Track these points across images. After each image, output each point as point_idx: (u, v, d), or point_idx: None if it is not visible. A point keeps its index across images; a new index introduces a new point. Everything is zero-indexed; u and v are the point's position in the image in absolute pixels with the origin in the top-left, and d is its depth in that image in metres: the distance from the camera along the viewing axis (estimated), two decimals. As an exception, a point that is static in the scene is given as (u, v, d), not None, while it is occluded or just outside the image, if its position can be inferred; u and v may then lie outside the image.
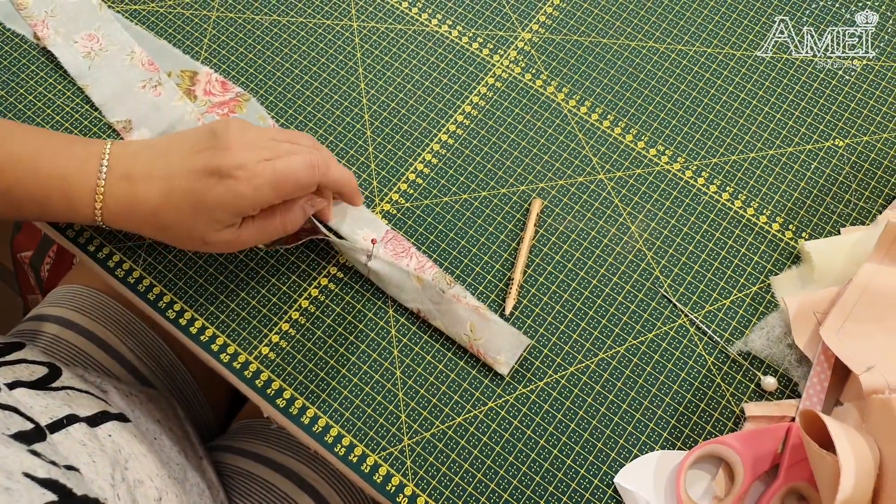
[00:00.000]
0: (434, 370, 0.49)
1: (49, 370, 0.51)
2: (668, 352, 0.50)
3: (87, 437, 0.45)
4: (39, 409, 0.44)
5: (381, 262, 0.50)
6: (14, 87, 0.57)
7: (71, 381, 0.51)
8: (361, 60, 0.59)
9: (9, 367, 0.49)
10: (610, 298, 0.51)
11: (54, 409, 0.45)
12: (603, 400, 0.48)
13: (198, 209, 0.45)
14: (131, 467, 0.47)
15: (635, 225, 0.53)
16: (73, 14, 0.59)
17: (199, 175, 0.44)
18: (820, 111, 0.57)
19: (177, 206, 0.45)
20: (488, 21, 0.60)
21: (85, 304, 0.68)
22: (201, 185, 0.44)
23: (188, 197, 0.45)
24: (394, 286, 0.50)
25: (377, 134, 0.56)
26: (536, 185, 0.54)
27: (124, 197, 0.46)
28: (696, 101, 0.57)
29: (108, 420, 0.49)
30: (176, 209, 0.45)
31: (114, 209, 0.46)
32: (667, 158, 0.55)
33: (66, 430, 0.44)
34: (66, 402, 0.47)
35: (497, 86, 0.58)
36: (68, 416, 0.45)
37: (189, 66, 0.58)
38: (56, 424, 0.43)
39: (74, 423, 0.45)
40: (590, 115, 0.57)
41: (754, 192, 0.54)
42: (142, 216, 0.46)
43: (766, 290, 0.51)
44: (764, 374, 0.49)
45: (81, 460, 0.42)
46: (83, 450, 0.43)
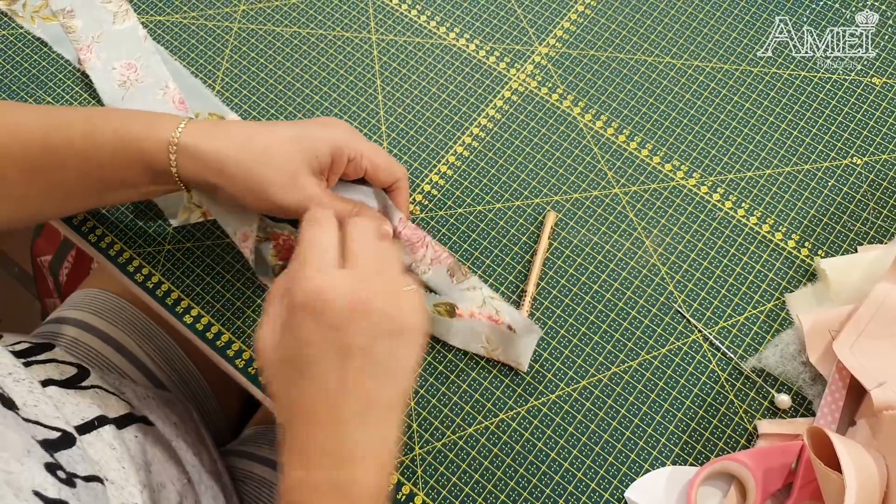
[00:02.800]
0: (446, 380, 0.49)
1: (78, 370, 0.52)
2: (681, 367, 0.50)
3: (116, 440, 0.45)
4: (71, 409, 0.45)
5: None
6: (55, 101, 0.59)
7: (98, 381, 0.52)
8: (379, 72, 0.60)
9: (41, 365, 0.50)
10: (623, 312, 0.51)
11: (85, 410, 0.46)
12: (615, 414, 0.48)
13: (302, 138, 0.44)
14: (154, 471, 0.47)
15: (650, 240, 0.53)
16: (117, 42, 0.60)
17: (303, 126, 0.46)
18: (838, 128, 0.56)
19: (277, 133, 0.44)
20: (505, 35, 0.61)
21: (103, 307, 0.69)
22: (305, 128, 0.45)
23: (291, 128, 0.45)
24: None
25: (394, 145, 0.57)
26: (551, 198, 0.55)
27: (209, 125, 0.44)
28: (713, 116, 0.57)
29: (134, 422, 0.50)
30: (276, 136, 0.44)
31: (197, 134, 0.43)
32: (682, 174, 0.55)
33: (98, 432, 0.44)
34: (96, 402, 0.48)
35: (513, 99, 0.58)
36: (98, 417, 0.46)
37: (218, 109, 0.58)
38: (87, 426, 0.44)
39: (105, 426, 0.46)
40: (605, 130, 0.57)
41: (770, 208, 0.54)
42: (236, 140, 0.44)
43: (780, 307, 0.51)
44: (778, 392, 0.49)
45: (112, 466, 0.43)
46: (113, 454, 0.44)
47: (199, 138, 0.43)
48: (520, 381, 0.49)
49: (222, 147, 0.44)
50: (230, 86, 0.59)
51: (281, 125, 0.46)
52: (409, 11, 0.62)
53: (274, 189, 0.44)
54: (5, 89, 0.59)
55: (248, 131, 0.45)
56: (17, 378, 0.44)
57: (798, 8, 0.61)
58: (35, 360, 0.51)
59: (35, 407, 0.42)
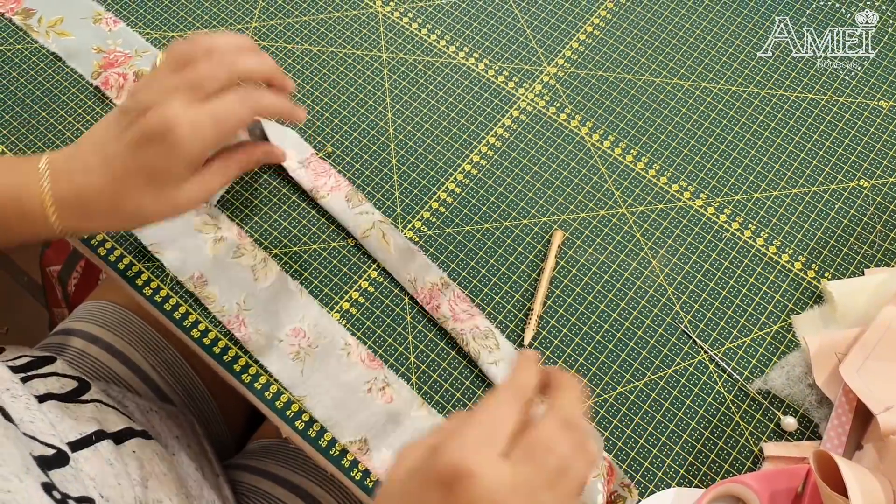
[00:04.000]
0: (451, 398, 0.49)
1: (79, 384, 0.52)
2: (687, 388, 0.49)
3: (114, 455, 0.45)
4: (69, 424, 0.45)
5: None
6: (71, 121, 0.60)
7: (98, 395, 0.52)
8: (389, 90, 0.60)
9: (41, 379, 0.50)
10: (629, 332, 0.51)
11: (83, 424, 0.46)
12: (620, 434, 0.48)
13: (152, 177, 0.43)
14: (151, 486, 0.47)
15: (656, 260, 0.53)
16: (269, 304, 0.52)
17: (136, 148, 0.42)
18: (845, 151, 0.57)
19: (130, 185, 0.43)
20: (514, 55, 0.61)
21: (110, 319, 0.69)
22: (142, 155, 0.42)
23: (136, 172, 0.43)
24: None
25: (402, 162, 0.57)
26: (558, 217, 0.55)
27: (73, 196, 0.44)
28: (720, 137, 0.58)
29: (133, 437, 0.50)
30: (131, 188, 0.43)
31: (67, 212, 0.44)
32: (689, 195, 0.56)
33: (95, 448, 0.44)
34: (95, 416, 0.48)
35: (521, 118, 0.59)
36: (96, 432, 0.46)
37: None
38: (84, 441, 0.44)
39: (102, 441, 0.45)
40: (613, 150, 0.57)
41: (777, 230, 0.54)
42: (100, 208, 0.44)
43: (787, 329, 0.51)
44: (784, 414, 0.49)
45: (108, 482, 0.42)
46: (110, 471, 0.43)
47: (78, 222, 0.45)
48: (525, 400, 0.49)
49: (105, 222, 0.46)
50: (241, 102, 0.60)
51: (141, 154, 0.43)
52: (420, 30, 0.63)
53: (167, 211, 0.45)
54: (20, 103, 0.60)
55: (107, 195, 0.44)
56: (15, 394, 0.44)
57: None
58: (35, 374, 0.51)
59: (31, 423, 0.42)
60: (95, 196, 0.44)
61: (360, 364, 0.50)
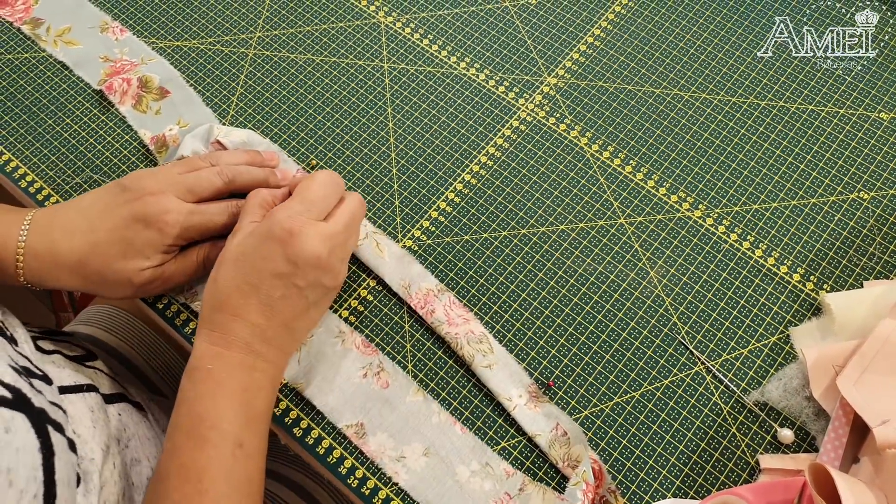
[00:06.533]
0: (448, 407, 0.50)
1: (87, 353, 0.55)
2: (684, 399, 0.50)
3: (98, 407, 0.48)
4: (67, 373, 0.48)
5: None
6: (77, 130, 0.60)
7: (102, 367, 0.55)
8: (391, 100, 0.61)
9: (52, 340, 0.53)
10: (627, 343, 0.51)
11: (79, 378, 0.49)
12: (616, 445, 0.48)
13: (127, 252, 0.47)
14: (132, 446, 0.50)
15: (654, 270, 0.53)
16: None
17: (126, 223, 0.47)
18: (845, 163, 0.57)
19: (105, 253, 0.47)
20: (515, 65, 0.62)
21: (114, 324, 0.70)
22: (130, 232, 0.47)
23: (117, 244, 0.47)
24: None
25: (402, 172, 0.58)
26: (557, 227, 0.55)
27: (45, 250, 0.48)
28: (719, 148, 0.58)
29: (123, 402, 0.52)
30: (104, 256, 0.48)
31: (34, 265, 0.48)
32: (688, 205, 0.56)
33: (83, 395, 0.47)
34: (91, 377, 0.51)
35: (521, 128, 0.59)
36: (89, 384, 0.49)
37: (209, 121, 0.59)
38: (75, 388, 0.47)
39: (91, 392, 0.48)
40: (612, 160, 0.58)
41: (776, 241, 0.54)
42: (68, 267, 0.48)
43: (784, 340, 0.51)
44: (780, 426, 0.48)
45: (83, 423, 0.45)
46: (89, 415, 0.46)
47: (40, 275, 0.48)
48: (521, 410, 0.49)
49: (65, 280, 0.49)
50: (244, 111, 0.60)
51: (129, 230, 0.48)
52: (421, 41, 0.63)
53: (122, 290, 0.49)
54: (26, 111, 0.60)
55: (77, 257, 0.48)
56: (24, 339, 0.47)
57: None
58: (49, 337, 0.54)
59: (28, 356, 0.44)
60: (67, 253, 0.48)
61: (355, 350, 0.51)
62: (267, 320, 0.45)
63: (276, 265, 0.44)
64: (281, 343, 0.46)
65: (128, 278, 0.48)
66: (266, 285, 0.44)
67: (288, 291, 0.45)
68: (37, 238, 0.48)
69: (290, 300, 0.45)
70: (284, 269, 0.44)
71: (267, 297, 0.45)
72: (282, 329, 0.46)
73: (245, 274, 0.45)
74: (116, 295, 0.50)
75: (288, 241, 0.44)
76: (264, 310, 0.45)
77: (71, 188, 0.58)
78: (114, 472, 0.46)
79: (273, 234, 0.44)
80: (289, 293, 0.45)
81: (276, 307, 0.45)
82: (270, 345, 0.45)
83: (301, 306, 0.46)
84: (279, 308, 0.45)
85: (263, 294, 0.44)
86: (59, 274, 0.48)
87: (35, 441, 0.36)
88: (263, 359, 0.45)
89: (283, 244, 0.44)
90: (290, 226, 0.44)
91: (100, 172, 0.58)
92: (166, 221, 0.48)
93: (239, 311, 0.45)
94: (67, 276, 0.49)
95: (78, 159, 0.59)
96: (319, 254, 0.45)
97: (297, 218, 0.45)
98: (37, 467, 0.35)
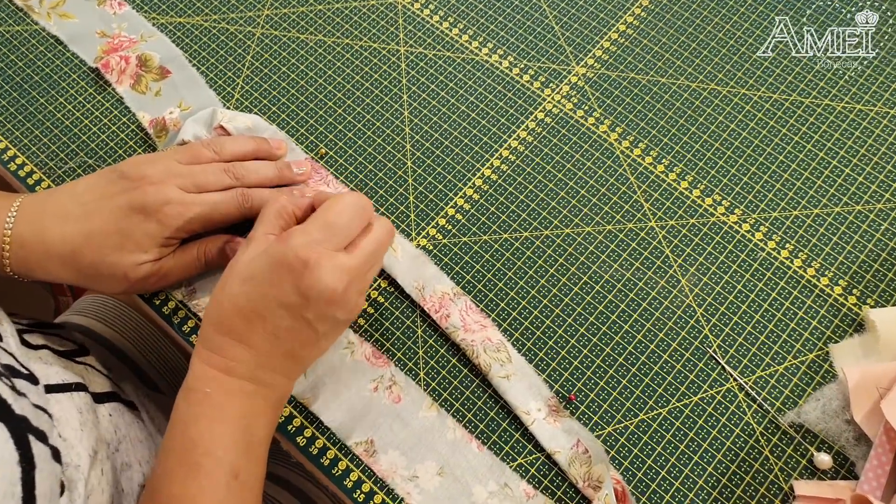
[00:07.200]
0: (461, 419, 0.47)
1: (78, 348, 0.52)
2: (714, 417, 0.46)
3: (87, 408, 0.45)
4: (55, 370, 0.45)
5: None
6: (70, 109, 0.57)
7: (94, 363, 0.52)
8: (406, 87, 0.57)
9: (42, 333, 0.51)
10: (654, 356, 0.48)
11: (68, 376, 0.46)
12: (640, 464, 0.45)
13: (124, 245, 0.44)
14: (122, 450, 0.47)
15: (686, 278, 0.50)
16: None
17: (124, 213, 0.44)
18: (894, 168, 0.53)
19: (100, 244, 0.44)
20: (541, 53, 0.58)
21: (109, 315, 0.68)
22: (127, 223, 0.44)
23: (113, 235, 0.44)
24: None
25: (418, 165, 0.54)
26: (582, 229, 0.52)
27: (35, 241, 0.44)
28: (758, 149, 0.54)
29: (115, 401, 0.50)
30: (99, 247, 0.44)
31: (22, 254, 0.45)
32: (723, 209, 0.52)
33: (71, 394, 0.44)
34: (82, 374, 0.48)
35: (546, 121, 0.55)
36: (78, 383, 0.46)
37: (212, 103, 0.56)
38: (63, 387, 0.44)
39: (81, 391, 0.46)
40: (643, 158, 0.54)
41: (817, 251, 0.51)
42: (59, 258, 0.45)
43: (824, 358, 0.48)
44: (817, 451, 0.45)
45: (70, 425, 0.42)
46: (77, 417, 0.43)
47: (28, 266, 0.45)
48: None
49: (55, 272, 0.45)
50: (250, 94, 0.57)
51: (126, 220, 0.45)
52: (441, 24, 0.59)
53: (116, 285, 0.46)
54: (17, 89, 0.57)
55: (70, 248, 0.45)
56: (10, 333, 0.44)
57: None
58: (38, 330, 0.51)
59: (13, 353, 0.42)
60: (58, 242, 0.44)
61: (365, 362, 0.48)
62: (271, 348, 0.41)
63: (286, 295, 0.40)
64: (285, 370, 0.43)
65: (123, 272, 0.45)
66: (272, 314, 0.41)
67: (296, 323, 0.41)
68: (25, 225, 0.45)
69: (297, 332, 0.41)
70: (294, 300, 0.40)
71: (273, 327, 0.41)
72: (287, 357, 0.42)
73: (251, 300, 0.41)
74: (110, 290, 0.47)
75: (301, 272, 0.40)
76: (269, 338, 0.41)
77: (64, 173, 0.54)
78: (101, 480, 0.43)
79: (286, 261, 0.40)
80: (296, 325, 0.41)
81: (281, 336, 0.41)
82: (274, 371, 0.42)
83: (309, 337, 0.42)
84: (285, 337, 0.41)
85: (269, 323, 0.41)
86: (49, 265, 0.45)
87: (14, 453, 0.33)
88: (265, 385, 0.42)
89: (295, 274, 0.40)
90: (305, 255, 0.40)
91: (95, 157, 0.55)
92: (167, 213, 0.45)
93: (242, 337, 0.41)
94: (58, 267, 0.45)
95: (72, 142, 0.55)
96: (334, 288, 0.40)
97: (314, 247, 0.40)
98: (15, 482, 0.33)
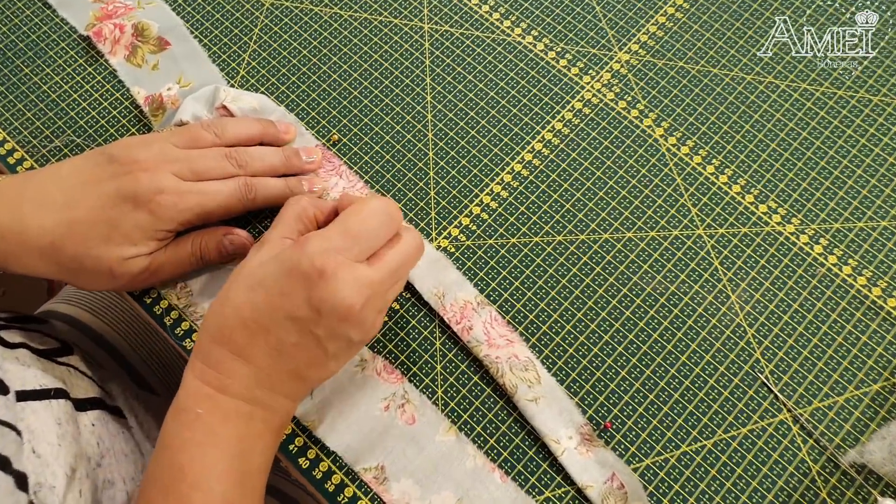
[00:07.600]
0: (483, 445, 0.42)
1: (61, 346, 0.48)
2: (765, 452, 0.41)
3: (67, 418, 0.41)
4: (32, 374, 0.42)
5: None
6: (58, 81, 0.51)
7: (77, 363, 0.48)
8: (430, 69, 0.51)
9: (20, 330, 0.46)
10: (700, 380, 0.43)
11: (47, 380, 0.42)
12: (682, 502, 0.40)
13: (111, 236, 0.40)
14: (105, 465, 0.44)
15: (736, 294, 0.45)
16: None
17: (112, 201, 0.40)
18: (968, 177, 0.48)
19: (84, 235, 0.40)
20: (581, 35, 0.52)
21: (99, 304, 0.63)
22: (115, 212, 0.40)
23: (99, 225, 0.40)
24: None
25: (440, 157, 0.49)
26: (623, 235, 0.46)
27: (12, 230, 0.40)
28: (820, 151, 0.48)
29: (99, 408, 0.46)
30: (83, 239, 0.40)
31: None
32: (779, 217, 0.47)
33: (49, 402, 0.41)
34: (63, 378, 0.45)
35: (585, 112, 0.50)
36: (58, 389, 0.42)
37: (215, 80, 0.50)
38: (40, 393, 0.40)
39: (60, 399, 0.42)
40: (692, 157, 0.48)
41: (884, 268, 0.45)
42: (38, 250, 0.40)
43: (890, 389, 0.43)
44: (882, 495, 0.41)
45: (46, 439, 0.38)
46: (55, 429, 0.39)
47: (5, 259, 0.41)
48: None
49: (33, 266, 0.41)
50: (256, 71, 0.51)
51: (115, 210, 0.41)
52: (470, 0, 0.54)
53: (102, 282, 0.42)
54: (0, 56, 0.51)
55: (50, 239, 0.40)
56: None
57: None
58: (17, 326, 0.47)
59: None
60: (37, 232, 0.40)
61: (376, 377, 0.43)
62: (273, 364, 0.37)
63: (295, 307, 0.36)
64: (288, 391, 0.38)
65: (109, 268, 0.41)
66: (278, 327, 0.36)
67: (303, 339, 0.36)
68: (1, 211, 0.40)
69: (304, 349, 0.37)
70: (304, 313, 0.36)
71: (276, 341, 0.36)
72: (290, 376, 0.37)
73: (256, 309, 0.36)
74: (95, 287, 0.42)
75: (316, 281, 0.35)
76: (271, 353, 0.37)
77: (49, 152, 0.49)
78: (79, 501, 0.38)
79: (300, 269, 0.36)
80: (304, 341, 0.36)
81: (286, 352, 0.37)
82: (275, 391, 0.37)
83: (317, 357, 0.37)
84: (290, 354, 0.37)
85: (273, 336, 0.36)
86: (27, 258, 0.41)
87: None
88: (264, 406, 0.37)
89: (308, 284, 0.35)
90: (322, 264, 0.35)
91: (83, 135, 0.49)
92: (159, 203, 0.40)
93: (242, 351, 0.36)
94: (37, 260, 0.41)
95: (58, 118, 0.50)
96: (351, 304, 0.36)
97: (332, 255, 0.36)
98: None
